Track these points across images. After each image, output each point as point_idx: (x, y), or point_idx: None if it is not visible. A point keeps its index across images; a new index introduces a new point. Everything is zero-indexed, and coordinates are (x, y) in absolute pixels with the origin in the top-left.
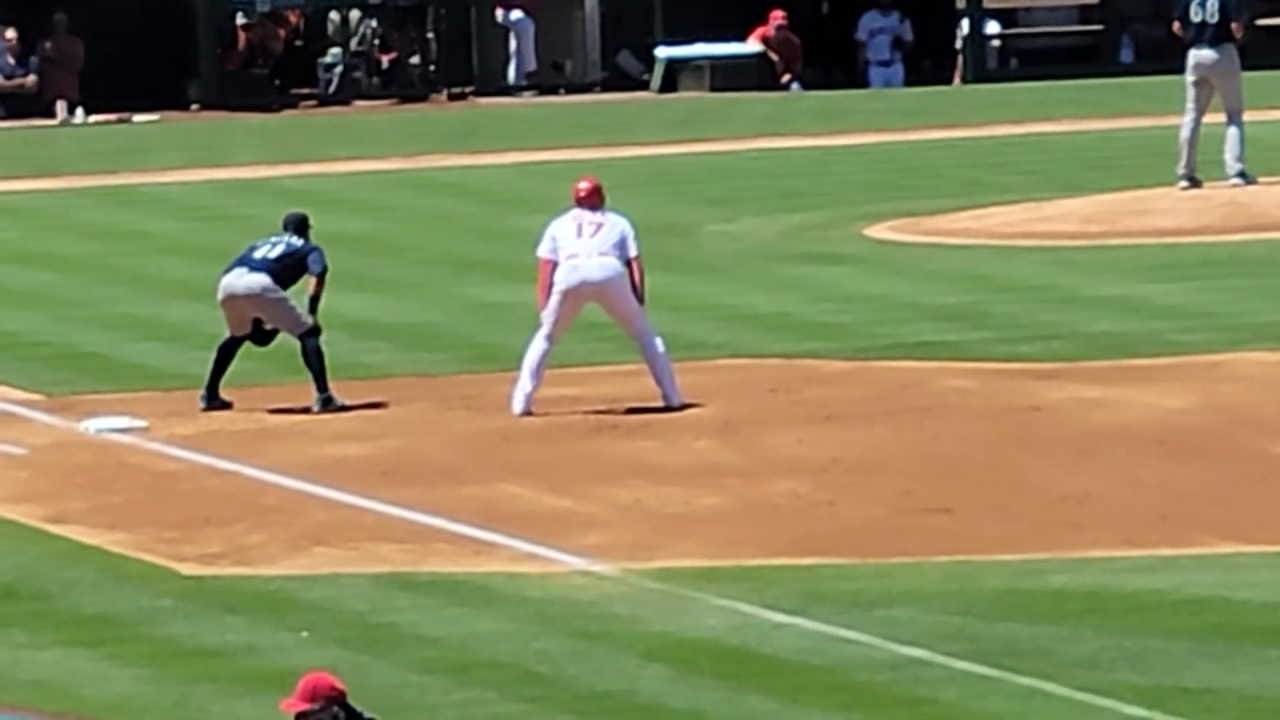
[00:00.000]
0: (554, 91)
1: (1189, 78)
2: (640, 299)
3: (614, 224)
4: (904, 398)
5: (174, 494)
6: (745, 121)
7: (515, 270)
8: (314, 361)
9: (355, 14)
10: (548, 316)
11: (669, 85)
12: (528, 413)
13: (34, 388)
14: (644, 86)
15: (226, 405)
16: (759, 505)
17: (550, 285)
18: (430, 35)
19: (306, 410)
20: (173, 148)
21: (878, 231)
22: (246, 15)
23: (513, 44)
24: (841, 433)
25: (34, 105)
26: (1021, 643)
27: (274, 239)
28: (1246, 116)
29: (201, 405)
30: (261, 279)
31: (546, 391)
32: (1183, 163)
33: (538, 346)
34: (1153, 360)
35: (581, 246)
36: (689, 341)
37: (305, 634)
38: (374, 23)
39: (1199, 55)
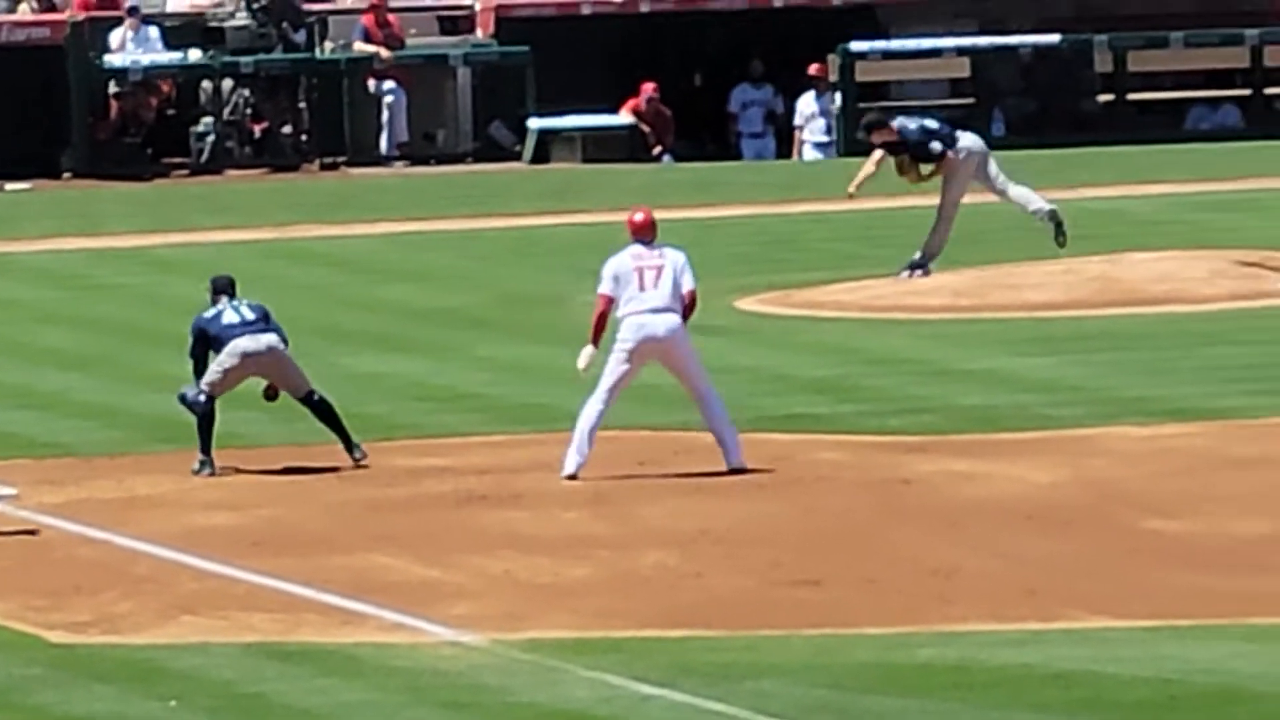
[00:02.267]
0: (426, 162)
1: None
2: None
3: (672, 262)
4: (774, 470)
5: (44, 562)
6: (617, 193)
7: (387, 340)
8: (333, 415)
9: (227, 83)
10: (608, 376)
11: (541, 156)
12: (574, 476)
13: None
14: (516, 157)
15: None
16: (629, 577)
17: (602, 326)
18: (302, 105)
19: (182, 477)
20: (44, 216)
21: (749, 304)
22: (119, 84)
23: (385, 114)
24: (711, 504)
25: None
26: (889, 716)
27: (235, 305)
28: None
29: (209, 471)
30: (273, 337)
31: (416, 462)
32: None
33: (594, 408)
34: (1022, 434)
35: (647, 300)
36: (561, 412)
37: (174, 703)
38: (246, 92)
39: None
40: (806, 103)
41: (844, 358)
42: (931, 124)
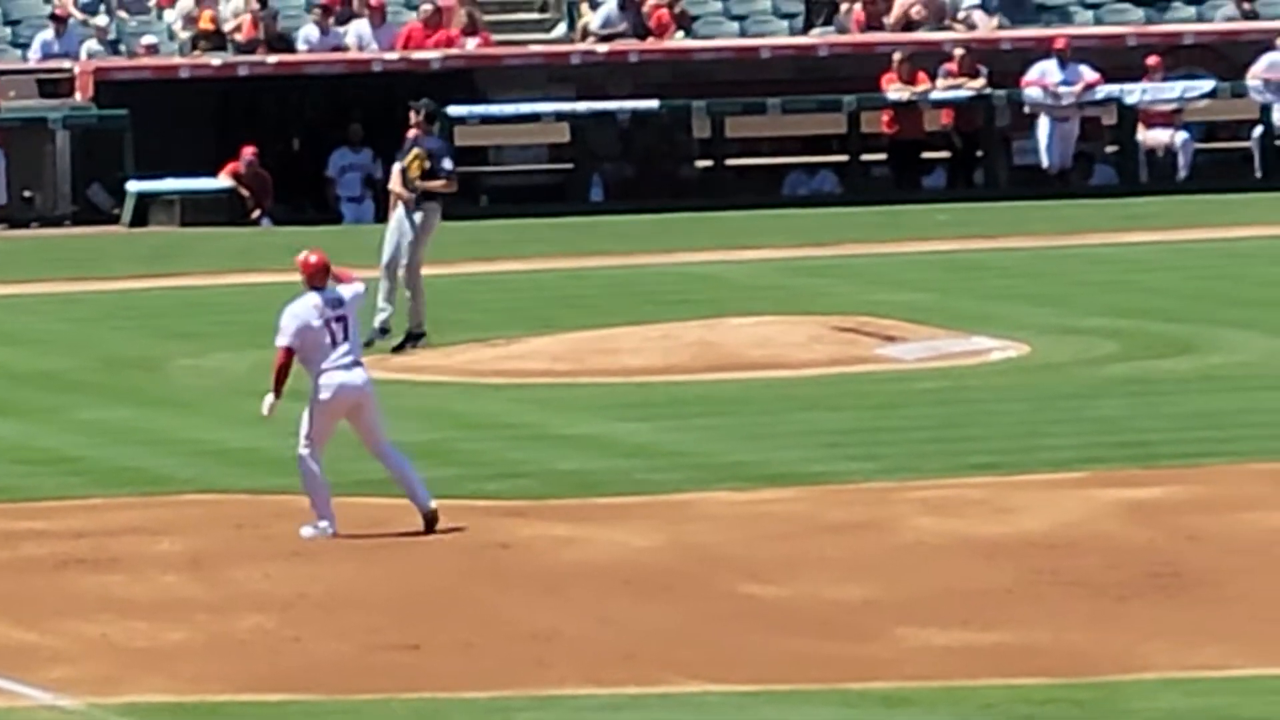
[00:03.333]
0: (25, 224)
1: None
2: None
3: (350, 303)
4: (372, 533)
5: None
6: (215, 256)
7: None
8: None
9: None
10: (319, 435)
11: (140, 219)
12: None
13: None
14: (115, 220)
15: None
16: (226, 640)
17: (284, 377)
18: None
19: None
20: None
21: None
22: None
23: None
24: (309, 568)
25: None
26: None
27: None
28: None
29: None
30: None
31: (12, 525)
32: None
33: (311, 464)
34: (621, 499)
35: (337, 356)
36: (156, 476)
37: None
38: None
39: None
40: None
41: (441, 422)
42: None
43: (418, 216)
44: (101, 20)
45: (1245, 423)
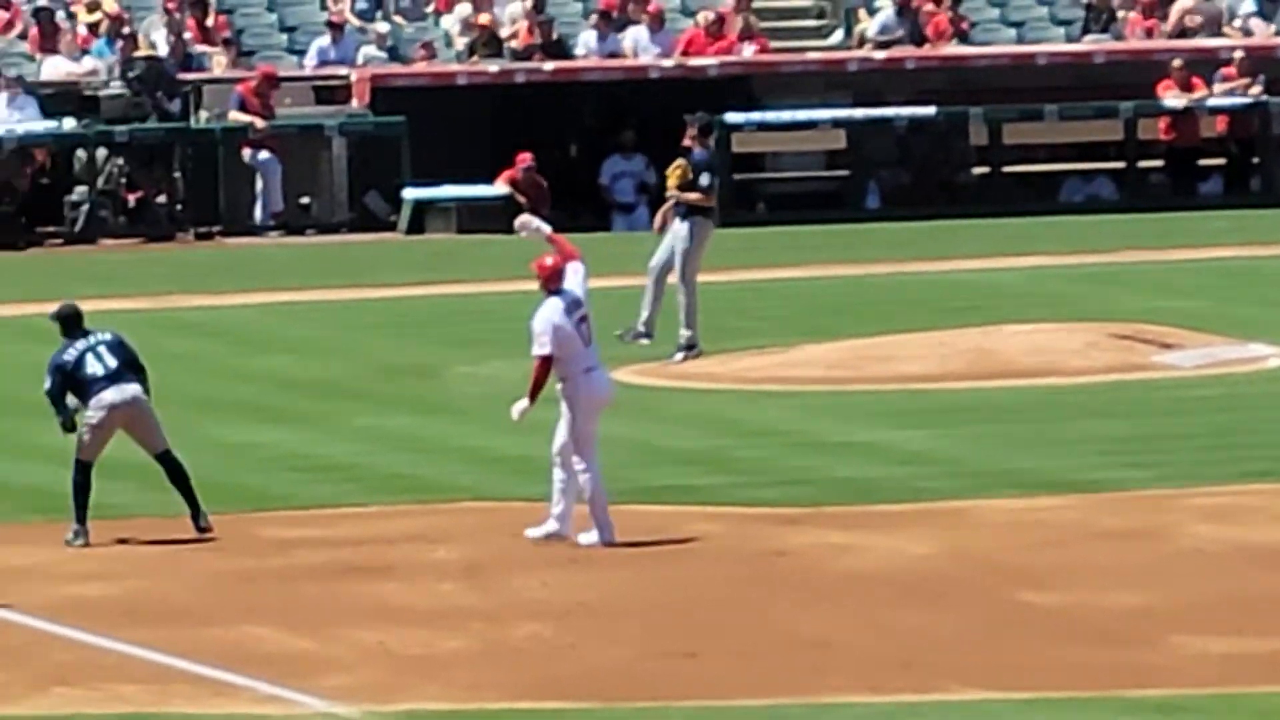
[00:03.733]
0: (301, 232)
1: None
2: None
3: (586, 296)
4: (650, 542)
5: None
6: (491, 263)
7: (260, 410)
8: (184, 478)
9: (102, 152)
10: (590, 440)
11: (416, 226)
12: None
13: None
14: (391, 227)
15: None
16: (503, 648)
17: (542, 386)
18: (177, 174)
19: (54, 547)
20: None
21: (624, 375)
22: None
23: (259, 184)
24: (586, 576)
25: None
26: None
27: (95, 349)
28: None
29: (82, 542)
30: (136, 388)
31: (289, 533)
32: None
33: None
34: (897, 506)
35: (590, 358)
36: (434, 483)
37: None
38: (120, 161)
39: None
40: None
41: (718, 429)
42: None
43: (685, 227)
44: (382, 27)
45: None
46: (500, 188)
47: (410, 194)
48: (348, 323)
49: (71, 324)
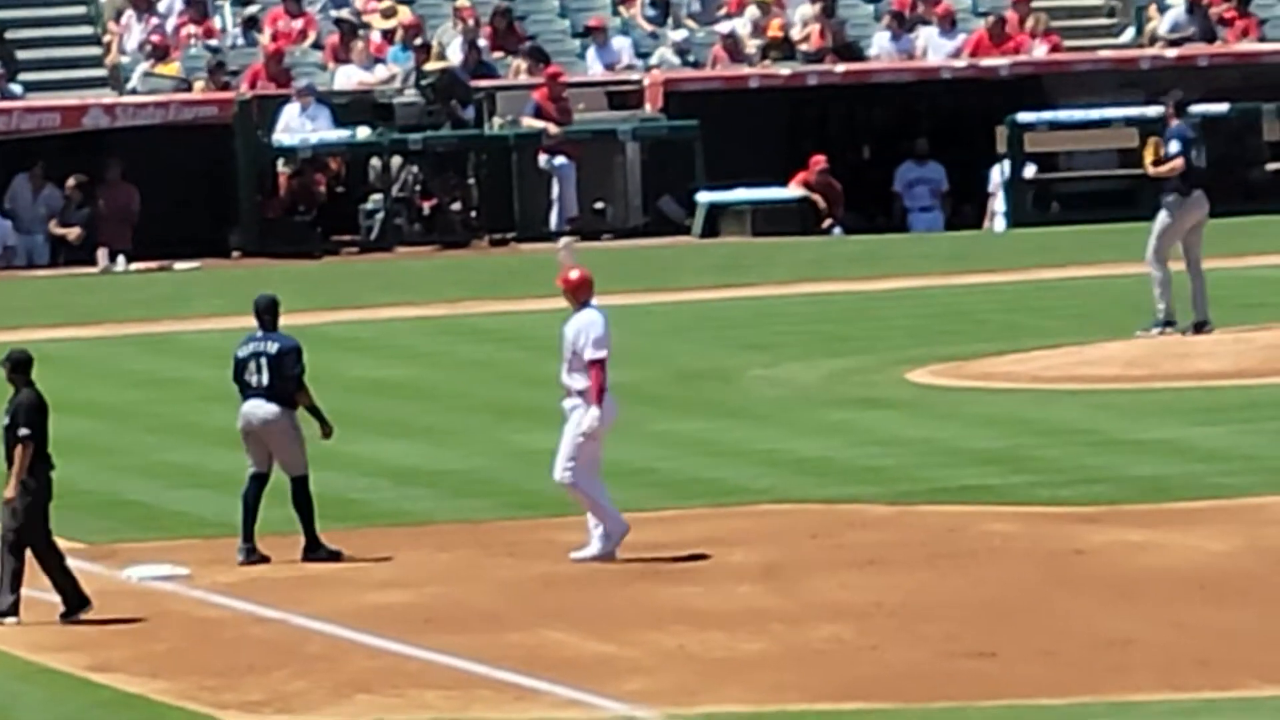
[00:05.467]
0: (596, 236)
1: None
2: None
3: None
4: (946, 542)
5: (216, 641)
6: (787, 266)
7: (558, 416)
8: (308, 509)
9: (396, 160)
10: (595, 459)
11: (710, 230)
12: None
13: (76, 536)
14: (685, 231)
15: (264, 559)
16: (802, 650)
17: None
18: (471, 181)
19: (353, 554)
20: (213, 295)
21: (920, 376)
22: (288, 162)
23: (555, 189)
24: (884, 577)
25: (76, 253)
26: None
27: (261, 354)
28: None
29: (241, 559)
30: (272, 410)
31: (577, 538)
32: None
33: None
34: (1195, 503)
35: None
36: (731, 487)
37: None
38: (415, 169)
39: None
40: (999, 172)
41: (1015, 429)
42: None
43: (1162, 205)
44: (678, 35)
45: None
46: (795, 190)
47: (704, 197)
48: (643, 327)
49: (263, 314)
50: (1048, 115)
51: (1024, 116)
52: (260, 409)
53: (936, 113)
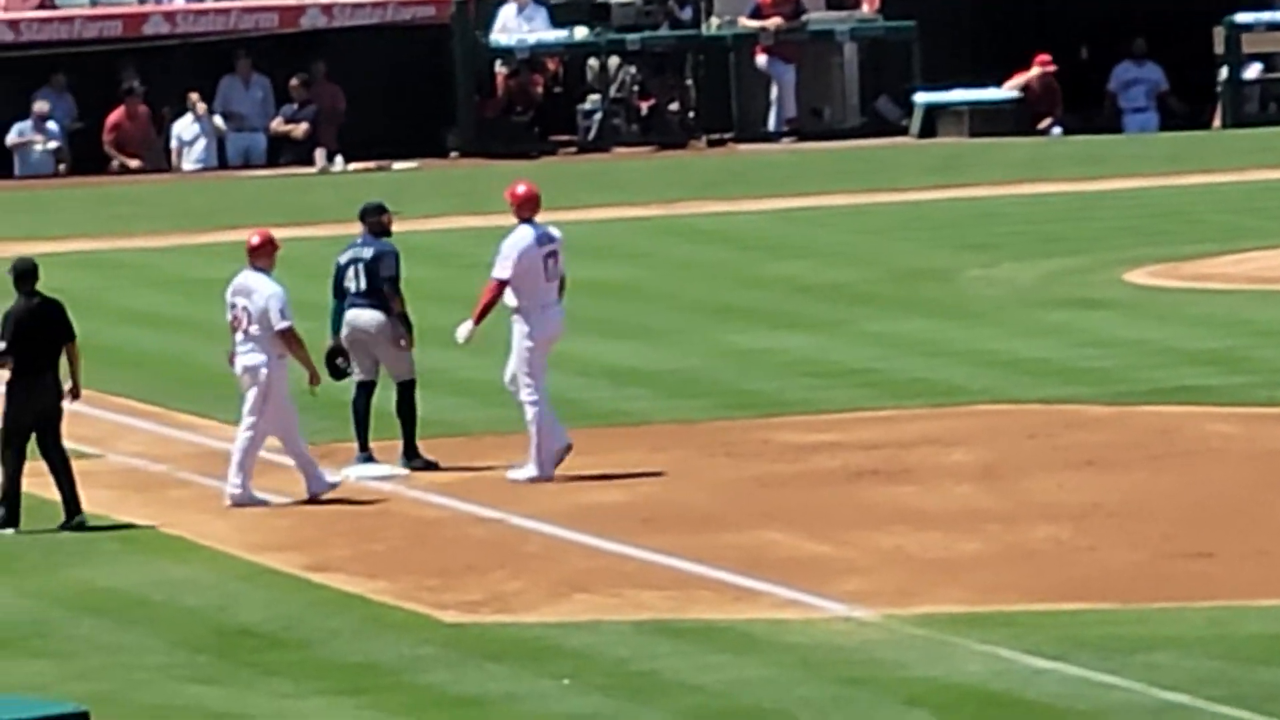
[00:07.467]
0: (813, 138)
1: None
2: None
3: (560, 240)
4: (1164, 443)
5: (435, 542)
6: (1004, 167)
7: (775, 317)
8: (411, 413)
9: (614, 61)
10: (539, 375)
11: (928, 131)
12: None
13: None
14: (903, 132)
15: (433, 464)
16: (1020, 551)
17: (491, 309)
18: (689, 82)
19: (572, 456)
20: (431, 195)
21: (1137, 277)
22: (505, 62)
23: (773, 91)
24: (1102, 478)
25: (292, 152)
26: None
27: (360, 260)
28: None
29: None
30: (374, 316)
31: (805, 438)
32: None
33: (545, 404)
34: None
35: (550, 294)
36: (948, 387)
37: (567, 681)
38: (633, 69)
39: None
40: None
41: (1233, 330)
42: None
43: None
44: None
45: None
46: (1012, 90)
47: (922, 98)
48: (860, 228)
49: (369, 216)
50: (1266, 16)
51: (1242, 17)
52: (361, 316)
53: (1152, 12)
